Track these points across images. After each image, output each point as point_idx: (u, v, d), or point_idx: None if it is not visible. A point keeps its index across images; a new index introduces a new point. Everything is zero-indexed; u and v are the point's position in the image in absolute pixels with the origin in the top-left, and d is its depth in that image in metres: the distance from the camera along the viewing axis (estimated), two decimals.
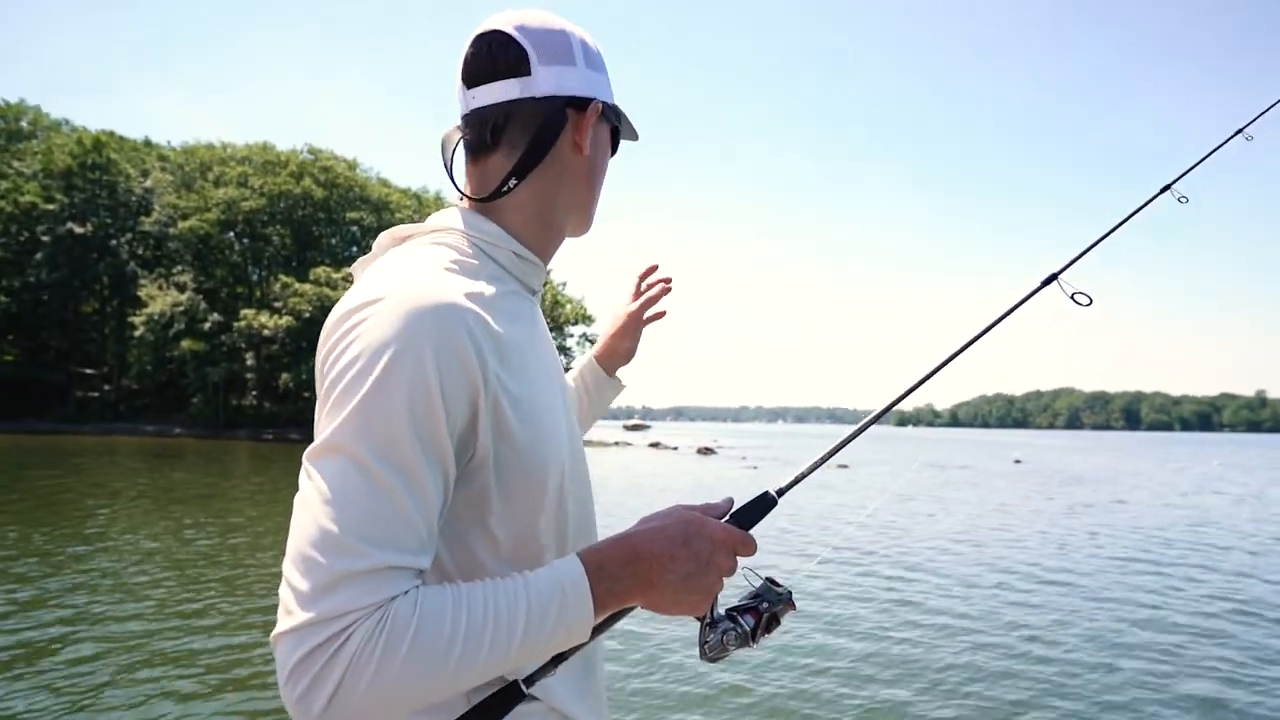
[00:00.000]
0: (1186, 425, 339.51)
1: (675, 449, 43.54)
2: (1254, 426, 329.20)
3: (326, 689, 0.69)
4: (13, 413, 46.20)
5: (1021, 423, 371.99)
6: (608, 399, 1.42)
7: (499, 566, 0.86)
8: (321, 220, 50.79)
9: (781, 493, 0.92)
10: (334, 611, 0.70)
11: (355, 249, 51.79)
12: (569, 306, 51.06)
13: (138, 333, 45.98)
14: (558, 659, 0.84)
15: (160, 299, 46.26)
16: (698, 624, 0.87)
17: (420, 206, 55.76)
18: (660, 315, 1.42)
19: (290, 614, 0.70)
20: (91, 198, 48.97)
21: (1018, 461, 38.11)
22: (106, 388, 50.80)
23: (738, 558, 0.86)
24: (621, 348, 1.40)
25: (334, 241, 51.35)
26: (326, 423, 0.76)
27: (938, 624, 7.06)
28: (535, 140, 0.93)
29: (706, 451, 40.25)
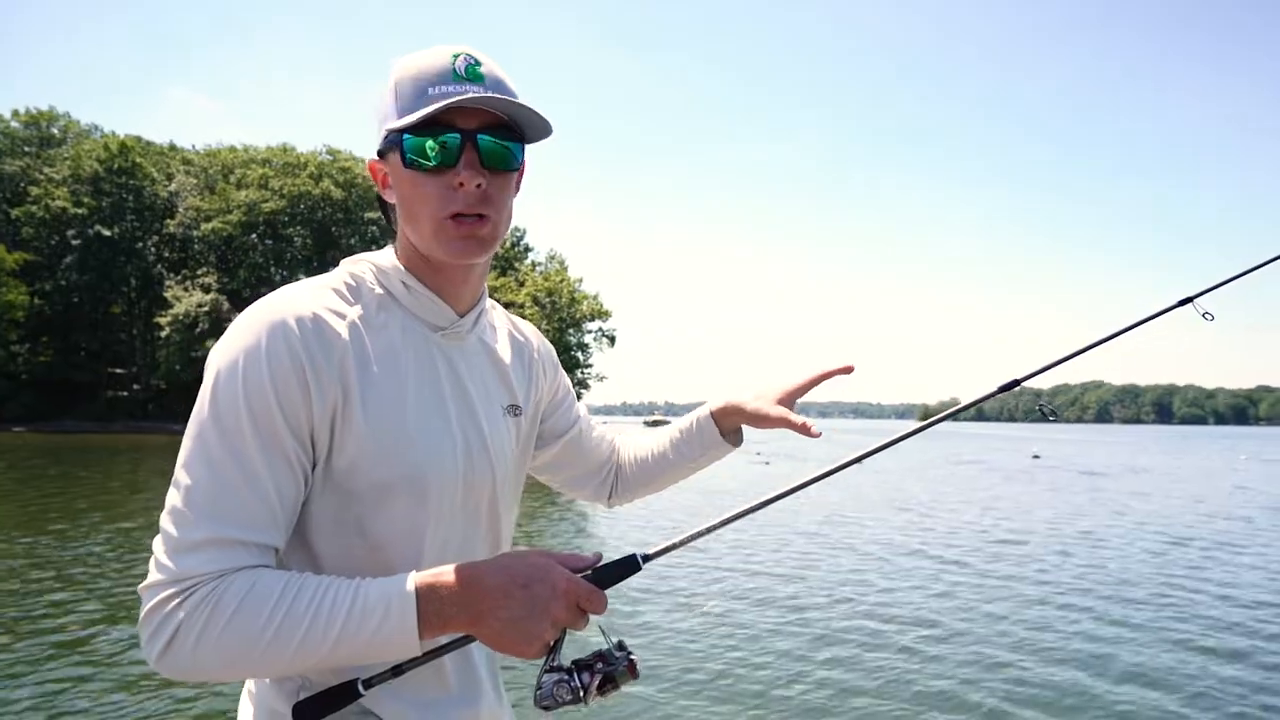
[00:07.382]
0: (1221, 419, 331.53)
1: None
2: None
3: (162, 640, 0.79)
4: (46, 412, 47.46)
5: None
6: (708, 458, 1.34)
7: (375, 567, 0.92)
8: (340, 220, 51.56)
9: (648, 559, 0.90)
10: (180, 574, 0.80)
11: (374, 248, 52.14)
12: (585, 303, 51.25)
13: (163, 333, 47.02)
14: (398, 669, 0.87)
15: (185, 300, 47.24)
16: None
17: None
18: (843, 370, 1.33)
19: (150, 571, 0.82)
20: (119, 201, 50.05)
21: (1036, 457, 37.69)
22: (136, 387, 51.90)
23: (589, 614, 0.85)
24: (762, 409, 1.26)
25: (353, 241, 52.01)
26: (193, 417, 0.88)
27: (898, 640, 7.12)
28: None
29: None
